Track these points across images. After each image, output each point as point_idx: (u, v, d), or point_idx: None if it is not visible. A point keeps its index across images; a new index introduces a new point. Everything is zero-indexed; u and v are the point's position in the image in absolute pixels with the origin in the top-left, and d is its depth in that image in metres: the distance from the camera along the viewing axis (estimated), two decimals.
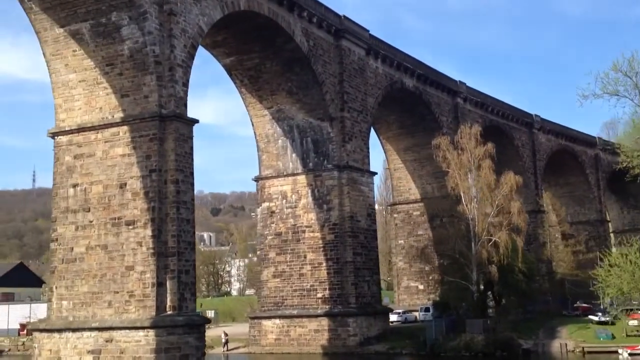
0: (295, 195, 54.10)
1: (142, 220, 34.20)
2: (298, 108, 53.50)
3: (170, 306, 33.37)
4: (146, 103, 35.24)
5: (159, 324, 32.35)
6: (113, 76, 35.93)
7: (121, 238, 34.64)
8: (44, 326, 35.03)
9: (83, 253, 35.44)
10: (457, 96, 73.62)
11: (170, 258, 33.76)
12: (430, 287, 73.86)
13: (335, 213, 52.15)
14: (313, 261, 52.40)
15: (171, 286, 33.49)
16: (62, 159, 36.99)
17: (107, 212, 35.27)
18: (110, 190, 35.41)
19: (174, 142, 34.79)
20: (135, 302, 33.57)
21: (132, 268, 34.00)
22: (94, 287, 34.82)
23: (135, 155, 35.00)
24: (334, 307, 50.73)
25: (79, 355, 33.94)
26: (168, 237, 34.02)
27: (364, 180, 54.61)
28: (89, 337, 33.92)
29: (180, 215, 34.44)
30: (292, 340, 51.83)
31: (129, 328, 33.00)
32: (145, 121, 34.96)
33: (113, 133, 35.81)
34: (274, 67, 51.65)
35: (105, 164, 35.79)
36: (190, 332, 32.95)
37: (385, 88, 61.10)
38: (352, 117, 54.49)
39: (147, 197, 34.33)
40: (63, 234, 36.18)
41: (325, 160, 53.37)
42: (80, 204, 36.07)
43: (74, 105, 37.12)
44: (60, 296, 35.57)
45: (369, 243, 53.77)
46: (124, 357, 32.84)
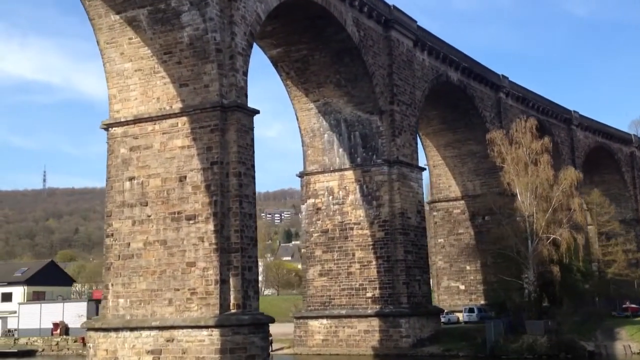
0: (343, 191, 52.84)
1: (203, 214, 33.09)
2: (346, 101, 52.24)
3: (234, 304, 32.21)
4: (206, 93, 34.13)
5: (224, 323, 31.20)
6: (171, 65, 34.86)
7: (181, 233, 33.54)
8: (100, 325, 34.00)
9: (141, 249, 34.40)
10: (500, 91, 72.17)
11: (233, 254, 32.60)
12: (472, 287, 72.52)
13: (385, 210, 50.83)
14: (362, 259, 51.11)
15: (235, 283, 32.33)
16: (117, 152, 35.97)
17: (166, 207, 34.20)
18: (169, 184, 34.34)
19: (235, 134, 33.64)
20: (197, 299, 32.46)
21: (193, 264, 32.89)
22: (152, 284, 33.75)
23: (195, 147, 33.91)
24: (385, 307, 49.41)
25: (138, 355, 32.89)
26: (231, 233, 32.87)
27: (413, 176, 53.26)
28: (148, 337, 32.86)
29: (243, 209, 33.29)
30: (340, 341, 50.57)
31: (191, 327, 31.89)
32: (206, 111, 33.84)
33: (171, 124, 34.74)
34: (322, 59, 50.43)
35: (164, 156, 34.72)
36: (255, 331, 31.79)
37: (432, 81, 59.76)
38: (402, 110, 53.16)
39: (208, 191, 33.22)
40: (119, 229, 35.15)
41: (374, 155, 52.05)
42: (137, 197, 35.03)
43: (129, 96, 36.10)
44: (117, 294, 34.53)
45: (418, 241, 52.41)
46: (186, 358, 31.74)
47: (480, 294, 71.34)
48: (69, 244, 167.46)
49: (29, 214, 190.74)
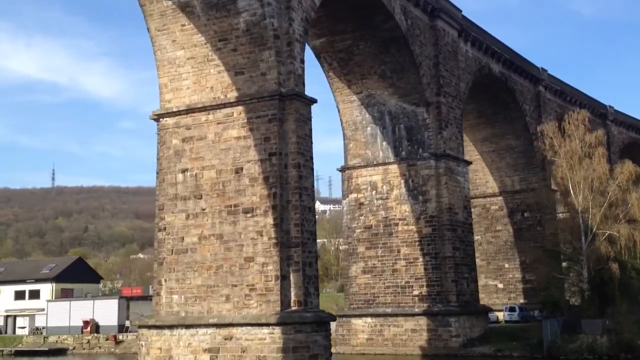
0: (387, 185, 51.69)
1: (262, 207, 32.05)
2: (391, 93, 51.07)
3: (295, 301, 31.16)
4: (264, 81, 33.08)
5: (286, 321, 30.15)
6: (226, 52, 33.84)
7: (238, 227, 32.53)
8: (154, 322, 33.04)
9: (195, 243, 33.43)
10: (539, 84, 70.86)
11: (293, 249, 31.54)
12: (511, 285, 71.14)
13: (432, 205, 49.62)
14: (408, 256, 49.94)
15: (295, 279, 31.27)
16: (169, 143, 35.01)
17: (222, 199, 33.20)
18: (225, 176, 33.33)
19: (294, 123, 32.56)
20: (256, 296, 31.43)
21: (252, 259, 31.87)
22: (208, 280, 32.76)
23: (252, 138, 32.88)
24: (433, 306, 48.22)
25: (194, 353, 31.92)
26: (291, 226, 31.81)
27: (460, 170, 52.05)
28: (205, 334, 31.88)
29: (303, 202, 32.22)
30: (385, 341, 49.45)
31: (251, 324, 30.87)
32: (263, 100, 32.79)
33: (226, 114, 33.72)
34: (367, 49, 49.28)
35: (218, 147, 33.71)
36: (318, 330, 30.71)
37: (475, 73, 58.54)
38: (448, 102, 51.95)
39: (266, 183, 32.18)
40: (172, 223, 34.19)
41: (420, 149, 50.85)
42: (191, 190, 34.05)
43: (181, 85, 35.11)
44: (170, 290, 33.58)
45: (466, 237, 51.20)
46: (246, 357, 30.73)
47: (519, 293, 69.99)
48: (78, 242, 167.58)
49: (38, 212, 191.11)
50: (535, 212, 69.87)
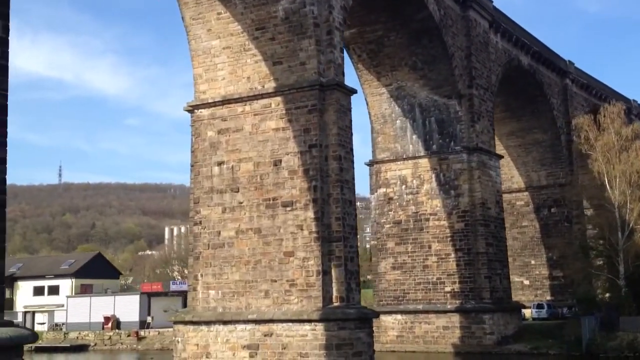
0: (417, 180, 50.83)
1: (302, 201, 31.29)
2: (421, 85, 50.17)
3: (337, 297, 30.41)
4: (303, 71, 32.29)
5: (329, 317, 29.40)
6: (264, 41, 33.08)
7: (277, 221, 31.80)
8: (191, 318, 32.38)
9: (232, 237, 32.72)
10: (566, 77, 69.73)
11: (335, 243, 30.77)
12: (538, 282, 70.16)
13: (465, 199, 48.72)
14: (439, 252, 49.10)
15: (337, 275, 30.50)
16: (204, 135, 34.30)
17: (260, 193, 32.47)
18: (263, 168, 32.60)
19: (335, 114, 31.76)
20: (297, 292, 30.71)
21: (292, 254, 31.14)
22: (246, 275, 32.06)
23: (291, 129, 32.11)
24: (466, 302, 47.37)
25: (232, 350, 31.25)
26: (332, 220, 31.04)
27: (492, 164, 51.12)
28: (243, 331, 31.19)
29: (344, 195, 31.44)
30: (416, 338, 48.66)
31: (292, 321, 30.15)
32: (302, 91, 32.01)
33: (264, 105, 32.97)
34: (399, 40, 48.39)
35: (256, 139, 32.97)
36: (361, 326, 29.95)
37: (504, 65, 57.56)
38: (480, 94, 51.01)
39: (307, 176, 31.41)
40: (208, 217, 33.51)
41: (452, 142, 49.95)
42: (228, 183, 33.34)
43: (216, 75, 34.39)
44: (207, 285, 32.91)
45: (498, 233, 50.28)
46: (287, 354, 30.02)
47: (546, 290, 69.04)
48: (86, 238, 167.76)
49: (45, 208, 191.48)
50: (563, 208, 68.92)
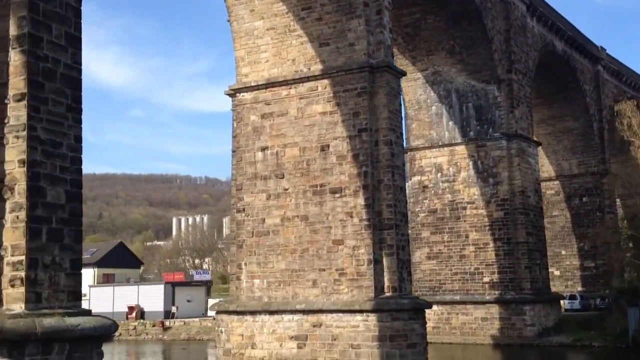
0: (453, 167, 49.76)
1: (351, 187, 30.34)
2: (459, 70, 49.01)
3: (389, 287, 29.47)
4: (352, 52, 31.24)
5: (382, 308, 28.48)
6: (310, 22, 32.04)
7: (325, 208, 30.87)
8: (235, 308, 31.55)
9: (278, 225, 31.84)
10: (597, 63, 68.23)
11: (386, 231, 29.81)
12: (569, 273, 69.03)
13: (504, 187, 47.61)
14: (477, 241, 48.06)
15: (389, 264, 29.56)
16: (247, 119, 33.35)
17: (306, 179, 31.53)
18: (309, 154, 31.65)
19: (385, 97, 30.72)
20: (347, 281, 29.80)
21: (341, 242, 30.22)
22: (293, 264, 31.18)
23: (339, 113, 31.12)
24: (506, 293, 46.35)
25: (279, 341, 30.43)
26: (383, 207, 30.07)
27: (531, 151, 49.96)
28: (291, 321, 30.35)
29: (395, 182, 30.46)
30: (453, 329, 47.74)
31: (342, 311, 29.26)
32: (351, 73, 30.97)
33: (310, 88, 31.97)
34: (436, 23, 47.20)
35: (302, 124, 31.99)
36: (415, 317, 29.01)
37: (540, 50, 56.22)
38: (519, 79, 49.78)
39: (356, 161, 30.44)
40: (251, 204, 32.62)
41: (490, 129, 48.79)
42: (272, 169, 32.43)
43: (259, 58, 33.40)
44: (252, 274, 32.06)
45: (537, 222, 49.17)
46: (337, 345, 29.17)
47: (577, 281, 67.84)
48: (93, 229, 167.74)
49: None
50: (595, 197, 67.70)
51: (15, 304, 12.93)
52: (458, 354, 45.26)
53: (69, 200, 14.17)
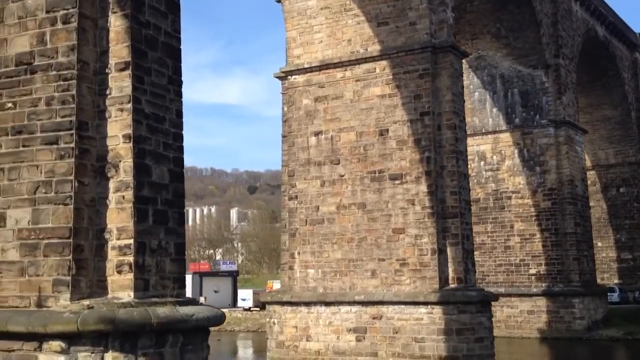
0: (497, 156, 48.57)
1: (413, 173, 29.27)
2: (504, 54, 47.72)
3: (454, 278, 28.43)
4: (413, 32, 30.09)
5: (449, 300, 27.46)
6: (367, 0, 30.89)
7: (384, 195, 29.82)
8: (289, 298, 30.60)
9: (333, 213, 30.81)
10: (635, 50, 66.76)
11: (450, 220, 28.73)
12: (604, 265, 67.79)
13: (552, 176, 46.41)
14: (523, 232, 46.93)
15: (453, 254, 28.51)
16: (299, 103, 32.29)
17: (364, 165, 30.47)
18: (366, 138, 30.57)
19: (449, 79, 29.59)
20: (408, 271, 28.78)
21: (402, 231, 29.18)
22: (350, 254, 30.18)
23: (399, 96, 30.01)
24: (553, 285, 45.26)
25: (336, 333, 29.46)
26: (446, 195, 28.99)
27: (577, 139, 48.73)
28: (348, 313, 29.38)
29: (459, 168, 29.38)
30: (498, 322, 46.25)
31: (405, 303, 28.26)
32: (412, 53, 29.83)
33: (367, 70, 30.86)
34: (482, 6, 45.93)
35: (358, 107, 30.90)
36: (483, 310, 27.96)
37: (583, 35, 54.88)
38: (565, 65, 48.49)
39: (418, 146, 29.35)
40: (305, 191, 31.59)
41: (537, 115, 47.55)
42: (326, 155, 31.37)
43: (312, 38, 32.29)
44: (305, 263, 31.08)
45: (584, 212, 48.03)
46: (399, 338, 28.19)
47: (614, 273, 66.67)
48: None
49: None
50: (633, 188, 66.48)
51: (123, 291, 11.95)
52: (504, 348, 44.15)
53: (173, 180, 13.16)
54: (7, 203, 12.34)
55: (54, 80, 12.34)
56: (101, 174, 12.41)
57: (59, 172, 12.04)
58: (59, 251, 11.78)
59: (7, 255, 12.17)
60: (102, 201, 12.33)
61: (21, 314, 11.54)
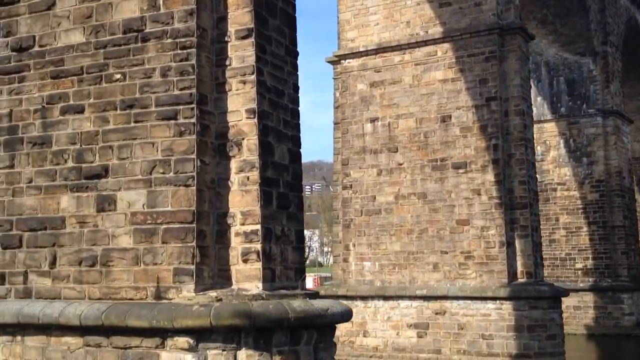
0: (542, 146, 47.28)
1: (478, 162, 28.12)
2: (550, 41, 46.43)
3: (522, 272, 27.33)
4: (478, 12, 28.89)
5: (520, 295, 26.34)
6: None
7: (447, 184, 28.68)
8: (345, 292, 29.50)
9: (391, 203, 29.70)
10: None
11: (519, 211, 27.58)
12: None
13: (600, 168, 45.19)
14: (569, 225, 45.75)
15: (522, 246, 27.39)
16: (353, 88, 31.13)
17: (424, 152, 29.32)
18: (427, 125, 29.41)
19: (517, 62, 28.40)
20: (474, 265, 27.67)
21: (466, 222, 28.05)
22: (409, 246, 29.07)
23: (463, 80, 28.84)
24: (601, 280, 44.13)
25: (395, 329, 28.40)
26: (514, 184, 27.84)
27: (624, 130, 47.53)
28: (409, 308, 28.30)
29: (528, 156, 28.23)
30: None
31: (471, 298, 27.16)
32: (478, 35, 28.62)
33: (428, 53, 29.67)
34: None
35: (418, 92, 29.73)
36: (554, 306, 26.92)
37: (625, 24, 53.54)
38: (612, 52, 47.22)
39: (484, 133, 28.19)
40: (360, 180, 30.48)
41: (584, 104, 46.30)
42: (383, 142, 30.23)
43: (368, 20, 31.11)
44: (361, 256, 30.00)
45: (631, 204, 46.82)
46: (465, 335, 27.10)
47: None
48: None
49: None
50: None
51: (250, 282, 10.85)
52: None
53: (292, 161, 12.06)
54: (117, 184, 11.27)
55: (170, 48, 11.24)
56: (221, 153, 11.31)
57: (178, 150, 10.95)
58: (181, 237, 10.70)
59: (119, 242, 11.11)
60: (223, 182, 11.24)
61: (141, 307, 10.48)
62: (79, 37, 11.87)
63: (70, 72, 11.82)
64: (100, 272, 11.14)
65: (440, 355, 27.55)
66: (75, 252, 11.31)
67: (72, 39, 11.93)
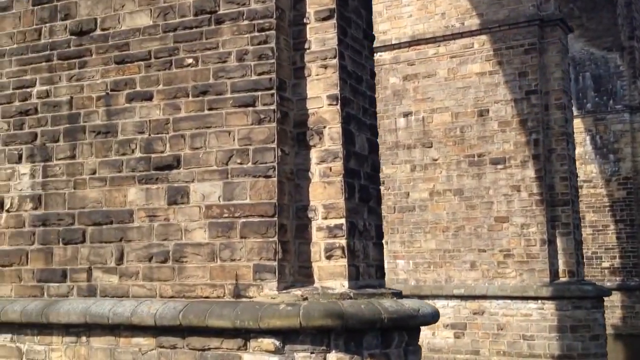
0: None
1: (518, 157, 27.46)
2: (576, 36, 45.60)
3: (564, 271, 26.67)
4: (517, 3, 28.22)
5: (563, 294, 25.67)
6: None
7: (485, 180, 28.02)
8: None
9: (425, 200, 29.06)
10: None
11: (560, 208, 26.94)
12: None
13: (627, 165, 44.51)
14: (595, 223, 45.06)
15: (564, 245, 26.73)
16: (385, 82, 30.47)
17: (460, 148, 28.67)
18: (463, 119, 28.75)
19: (558, 55, 27.71)
20: (514, 264, 27.02)
21: (505, 220, 27.39)
22: (445, 244, 28.44)
23: (501, 73, 28.17)
24: (629, 280, 43.48)
25: (431, 329, 27.62)
26: (555, 180, 27.18)
27: None
28: (445, 307, 27.63)
29: (569, 151, 27.56)
30: None
31: (510, 297, 26.51)
32: (517, 27, 27.94)
33: (464, 45, 29.01)
34: None
35: (453, 86, 29.07)
36: (598, 306, 26.24)
37: None
38: (639, 48, 46.53)
39: (524, 127, 27.53)
40: (393, 176, 29.84)
41: (610, 100, 45.62)
42: (417, 137, 29.59)
43: (401, 12, 30.48)
44: (394, 254, 29.36)
45: None
46: (504, 336, 26.46)
47: None
48: None
49: None
50: None
51: (334, 280, 10.18)
52: None
53: (371, 151, 11.39)
54: (190, 175, 10.61)
55: (246, 31, 10.58)
56: (300, 142, 10.65)
57: (257, 139, 10.29)
58: (262, 232, 10.04)
59: (193, 236, 10.45)
60: (302, 173, 10.58)
61: (222, 306, 9.82)
62: (145, 19, 11.21)
63: (136, 57, 11.15)
64: (173, 269, 10.47)
65: (478, 356, 26.91)
66: (145, 247, 10.64)
67: (137, 21, 11.26)
